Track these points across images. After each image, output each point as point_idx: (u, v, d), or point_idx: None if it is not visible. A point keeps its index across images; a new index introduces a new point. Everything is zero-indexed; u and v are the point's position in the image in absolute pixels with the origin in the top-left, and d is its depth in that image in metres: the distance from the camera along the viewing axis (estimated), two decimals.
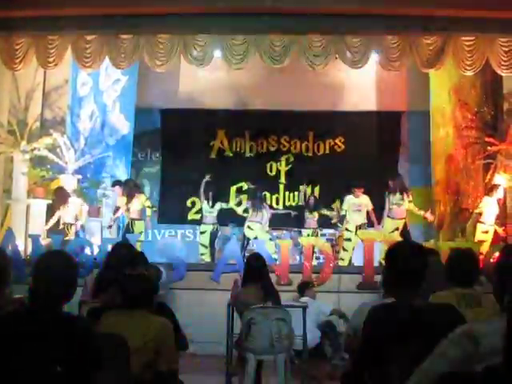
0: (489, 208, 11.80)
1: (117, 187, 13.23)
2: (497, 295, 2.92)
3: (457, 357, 2.48)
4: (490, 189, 12.12)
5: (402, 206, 12.43)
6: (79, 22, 11.38)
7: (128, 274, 4.48)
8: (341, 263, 12.21)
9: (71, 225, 12.51)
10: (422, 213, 12.71)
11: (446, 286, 4.61)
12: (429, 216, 12.84)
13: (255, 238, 13.06)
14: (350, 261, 12.56)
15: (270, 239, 13.24)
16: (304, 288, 9.72)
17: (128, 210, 12.77)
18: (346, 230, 12.77)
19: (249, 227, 13.25)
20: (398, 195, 12.38)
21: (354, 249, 12.56)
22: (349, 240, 12.63)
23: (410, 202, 12.48)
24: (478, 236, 11.76)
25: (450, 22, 11.00)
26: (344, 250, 12.70)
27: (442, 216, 13.35)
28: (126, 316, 4.25)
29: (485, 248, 11.05)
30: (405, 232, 12.44)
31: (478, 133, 13.08)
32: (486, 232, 11.74)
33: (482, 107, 13.15)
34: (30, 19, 11.48)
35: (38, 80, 13.69)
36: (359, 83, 15.20)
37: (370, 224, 12.78)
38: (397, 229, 12.28)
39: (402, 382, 2.87)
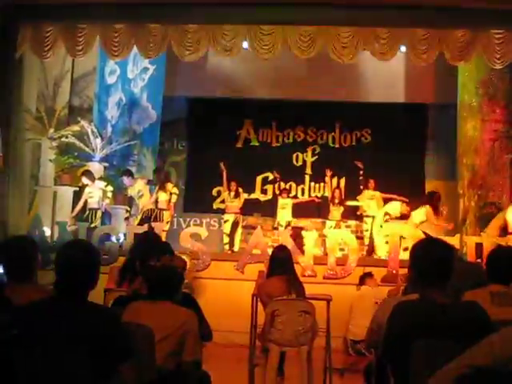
0: None
1: (124, 177, 13.07)
2: None
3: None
4: None
5: None
6: (108, 11, 11.43)
7: (153, 264, 4.50)
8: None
9: (96, 210, 12.55)
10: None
11: (473, 284, 4.60)
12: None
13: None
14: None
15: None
16: (365, 278, 9.75)
17: (156, 200, 12.69)
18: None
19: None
20: None
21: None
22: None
23: None
24: None
25: (479, 14, 10.93)
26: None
27: (466, 210, 13.26)
28: (150, 306, 4.27)
29: None
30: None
31: (506, 127, 12.98)
32: None
33: (510, 101, 13.04)
34: (58, 7, 11.55)
35: (66, 67, 13.79)
36: (387, 75, 15.08)
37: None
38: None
39: (422, 377, 2.88)
